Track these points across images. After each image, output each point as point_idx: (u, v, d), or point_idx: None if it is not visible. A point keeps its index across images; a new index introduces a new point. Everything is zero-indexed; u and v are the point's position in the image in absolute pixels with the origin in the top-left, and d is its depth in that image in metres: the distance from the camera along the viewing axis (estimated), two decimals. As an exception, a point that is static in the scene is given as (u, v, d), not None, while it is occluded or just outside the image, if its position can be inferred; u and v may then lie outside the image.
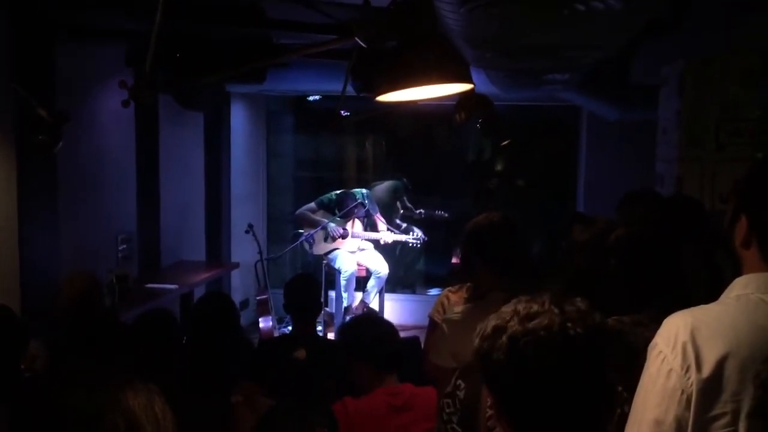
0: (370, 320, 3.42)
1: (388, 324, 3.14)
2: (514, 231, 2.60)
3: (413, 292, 8.27)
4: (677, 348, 1.33)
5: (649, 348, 1.40)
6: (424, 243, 7.00)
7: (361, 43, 1.72)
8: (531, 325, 1.15)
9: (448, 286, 3.43)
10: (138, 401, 1.04)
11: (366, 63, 3.69)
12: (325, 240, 6.85)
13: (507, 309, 1.20)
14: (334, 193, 6.99)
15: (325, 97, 7.67)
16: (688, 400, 1.31)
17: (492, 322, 1.21)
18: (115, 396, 1.03)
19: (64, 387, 1.04)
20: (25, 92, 3.50)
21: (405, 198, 7.99)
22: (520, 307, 1.19)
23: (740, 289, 1.42)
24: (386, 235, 6.91)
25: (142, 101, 1.72)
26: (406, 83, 1.78)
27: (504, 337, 1.17)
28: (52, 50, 4.30)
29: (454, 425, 1.83)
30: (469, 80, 1.86)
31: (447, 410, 1.87)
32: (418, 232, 7.02)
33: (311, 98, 7.89)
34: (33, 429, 1.02)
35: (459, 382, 1.89)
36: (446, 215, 7.87)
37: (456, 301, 3.19)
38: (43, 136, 3.55)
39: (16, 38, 4.06)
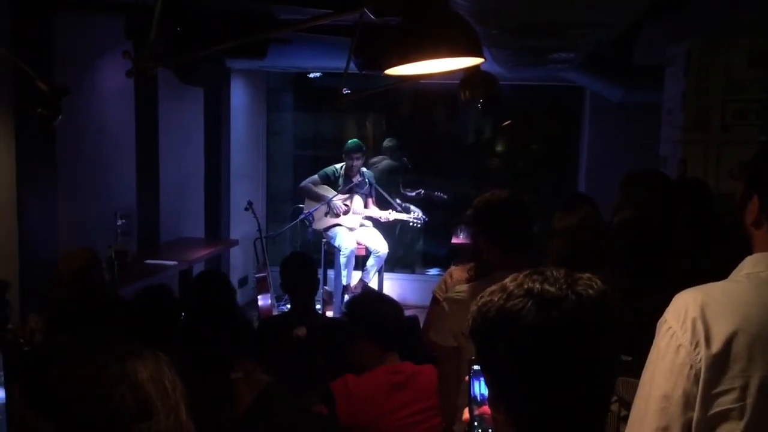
0: (377, 297, 3.44)
1: (394, 302, 3.14)
2: (520, 209, 2.57)
3: (412, 272, 8.27)
4: (687, 324, 1.34)
5: (659, 324, 1.41)
6: (424, 223, 6.98)
7: (371, 15, 1.68)
8: (542, 285, 1.11)
9: (449, 266, 3.41)
10: (147, 373, 1.02)
11: (369, 40, 3.65)
12: (327, 215, 6.82)
13: (509, 279, 1.16)
14: (339, 165, 6.94)
15: (326, 75, 7.62)
16: (697, 376, 1.31)
17: (495, 290, 1.15)
18: (123, 368, 1.01)
19: (71, 358, 1.02)
20: (24, 65, 3.45)
21: (404, 178, 7.96)
22: (526, 275, 1.14)
23: (750, 267, 1.43)
24: (386, 213, 6.88)
25: (146, 72, 1.69)
26: (417, 56, 1.74)
27: (516, 300, 1.11)
28: (50, 22, 4.25)
29: None
30: (479, 54, 1.83)
31: None
32: (418, 212, 7.00)
33: (312, 75, 7.84)
34: (40, 401, 1.00)
35: None
36: (445, 197, 7.84)
37: (458, 278, 3.17)
38: (43, 109, 3.51)
39: (14, 10, 4.01)
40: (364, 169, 6.97)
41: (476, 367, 1.30)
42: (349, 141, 6.96)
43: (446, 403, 2.65)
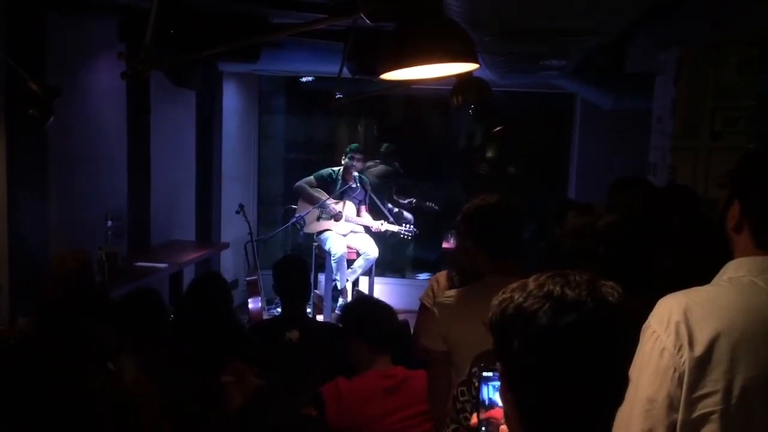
0: (370, 300, 3.46)
1: (387, 306, 3.15)
2: (509, 214, 2.55)
3: (403, 277, 8.27)
4: (670, 327, 1.37)
5: (643, 329, 1.43)
6: (415, 236, 6.97)
7: (366, 20, 1.69)
8: (563, 289, 1.10)
9: (439, 271, 3.42)
10: (124, 374, 1.02)
11: (362, 44, 3.66)
12: (318, 219, 6.81)
13: (531, 279, 1.16)
14: (336, 169, 6.93)
15: (318, 79, 7.62)
16: (680, 378, 1.34)
17: (516, 287, 1.15)
18: (100, 368, 1.01)
19: (49, 359, 1.02)
20: (17, 65, 3.44)
21: (397, 183, 7.97)
22: (548, 276, 1.14)
23: (732, 272, 1.46)
24: (378, 224, 6.86)
25: (142, 74, 1.69)
26: (411, 61, 1.75)
27: (534, 300, 1.11)
28: (43, 23, 4.24)
29: (467, 414, 1.78)
30: (474, 59, 1.84)
31: (461, 398, 1.82)
32: (410, 224, 7.01)
33: (304, 79, 7.84)
34: (15, 402, 1.00)
35: (474, 369, 1.83)
36: (436, 208, 7.84)
37: (444, 284, 3.17)
38: (34, 110, 3.50)
39: (6, 10, 4.00)
40: (356, 174, 6.97)
41: (485, 374, 1.31)
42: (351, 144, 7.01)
43: (437, 407, 2.65)
